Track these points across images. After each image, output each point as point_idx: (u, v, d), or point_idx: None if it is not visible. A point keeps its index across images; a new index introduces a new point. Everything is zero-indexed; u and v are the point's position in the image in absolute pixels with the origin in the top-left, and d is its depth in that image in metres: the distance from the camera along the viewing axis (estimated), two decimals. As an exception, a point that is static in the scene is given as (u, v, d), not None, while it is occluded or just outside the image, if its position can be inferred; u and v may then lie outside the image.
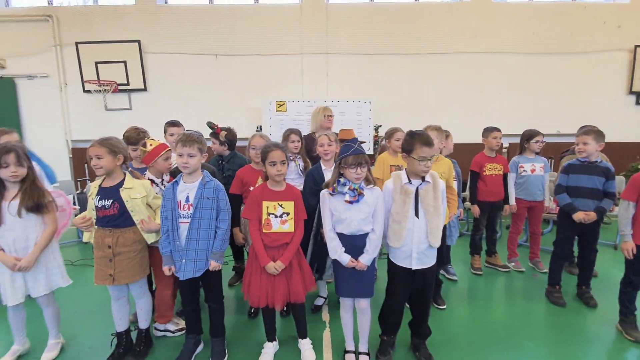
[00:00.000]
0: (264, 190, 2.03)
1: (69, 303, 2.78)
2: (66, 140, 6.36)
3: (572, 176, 2.70)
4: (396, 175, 1.99)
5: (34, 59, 6.12)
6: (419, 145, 1.86)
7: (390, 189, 1.97)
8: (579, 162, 2.71)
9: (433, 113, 5.96)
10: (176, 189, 1.96)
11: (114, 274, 1.98)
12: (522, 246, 3.92)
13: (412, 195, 1.90)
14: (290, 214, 2.01)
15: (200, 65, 6.14)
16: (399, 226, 1.91)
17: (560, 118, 6.26)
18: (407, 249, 1.93)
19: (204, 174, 2.01)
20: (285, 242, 1.99)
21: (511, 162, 3.39)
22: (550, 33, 6.18)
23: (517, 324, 2.50)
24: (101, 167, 1.95)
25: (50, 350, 2.14)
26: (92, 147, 1.95)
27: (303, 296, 2.06)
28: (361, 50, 6.13)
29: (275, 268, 1.95)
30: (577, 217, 2.60)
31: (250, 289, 2.02)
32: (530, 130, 3.34)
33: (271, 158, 1.97)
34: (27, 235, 1.96)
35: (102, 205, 1.96)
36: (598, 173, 2.64)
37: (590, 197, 2.64)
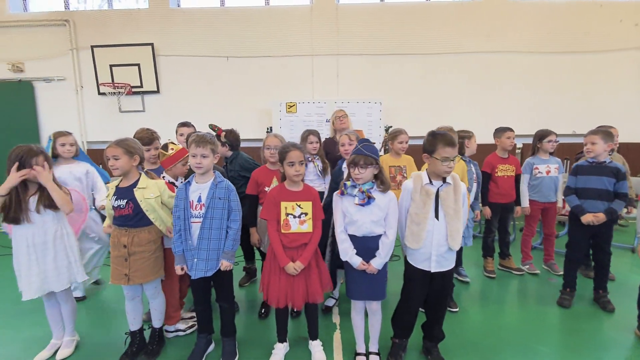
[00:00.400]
0: (281, 190, 2.04)
1: (83, 301, 2.84)
2: (82, 142, 6.49)
3: (580, 177, 2.66)
4: (417, 175, 1.97)
5: (52, 63, 6.28)
6: (441, 145, 1.83)
7: (410, 188, 1.93)
8: (588, 163, 2.66)
9: (445, 114, 5.89)
10: (189, 189, 1.98)
11: (129, 274, 2.01)
12: (537, 249, 3.85)
13: (433, 196, 1.87)
14: (308, 214, 2.01)
15: (212, 67, 6.21)
16: (418, 227, 1.88)
17: (575, 118, 6.12)
18: (426, 251, 1.90)
19: (215, 174, 2.02)
20: (304, 243, 2.00)
21: (525, 163, 3.32)
22: (565, 32, 6.05)
23: (531, 328, 2.45)
24: (118, 168, 1.99)
25: (66, 347, 2.19)
26: (110, 148, 2.00)
27: (321, 296, 2.07)
28: (372, 51, 6.11)
29: (295, 268, 1.95)
30: (586, 220, 2.55)
31: (269, 289, 2.02)
32: (543, 130, 3.27)
33: (290, 158, 1.97)
34: (45, 230, 2.02)
35: (118, 205, 2.00)
36: (607, 174, 2.57)
37: (599, 198, 2.58)
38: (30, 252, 2.00)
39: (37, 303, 2.12)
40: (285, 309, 2.07)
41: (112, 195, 2.05)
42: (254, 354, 2.19)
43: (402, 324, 2.09)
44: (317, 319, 2.19)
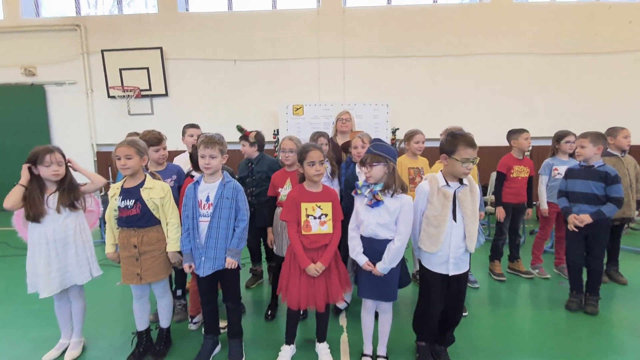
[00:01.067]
0: (301, 191, 2.03)
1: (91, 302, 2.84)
2: (91, 144, 6.59)
3: (569, 181, 2.65)
4: (432, 177, 1.93)
5: (63, 67, 6.41)
6: (462, 146, 1.80)
7: (427, 191, 1.89)
8: (580, 167, 2.64)
9: (452, 116, 5.85)
10: (197, 189, 1.99)
11: (140, 273, 2.02)
12: (547, 252, 3.78)
13: (451, 198, 1.84)
14: (328, 215, 2.00)
15: (220, 70, 6.27)
16: (436, 230, 1.85)
17: (585, 120, 6.01)
18: (443, 254, 1.87)
19: (224, 174, 2.03)
20: (324, 244, 1.98)
21: (544, 164, 3.27)
22: (574, 33, 6.00)
23: (543, 333, 2.40)
24: (129, 168, 2.00)
25: (74, 349, 2.19)
26: (122, 148, 2.00)
27: (342, 297, 2.06)
28: (378, 53, 6.12)
29: (316, 270, 1.94)
30: (571, 220, 2.56)
31: (289, 291, 2.01)
32: (561, 131, 3.22)
33: (310, 158, 1.97)
34: (65, 226, 2.05)
35: (125, 205, 2.01)
36: (595, 178, 2.54)
37: (586, 202, 2.56)
38: (50, 249, 2.02)
39: (46, 303, 2.13)
40: (297, 311, 2.05)
41: (117, 196, 2.05)
42: (260, 356, 2.17)
43: (426, 329, 2.05)
44: (327, 321, 2.17)
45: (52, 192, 2.04)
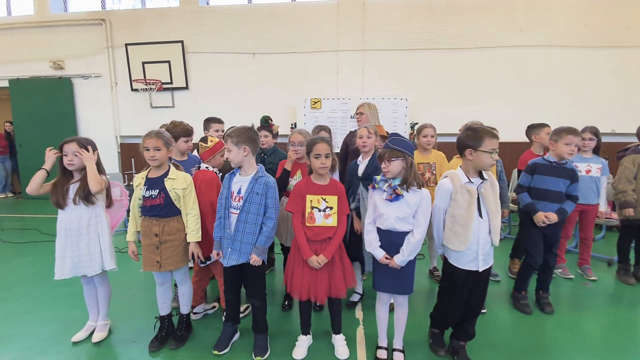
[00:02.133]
0: (308, 183, 2.05)
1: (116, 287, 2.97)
2: (115, 136, 6.79)
3: (537, 177, 2.53)
4: (453, 174, 1.89)
5: (89, 60, 6.61)
6: (487, 137, 1.79)
7: (450, 189, 1.86)
8: (548, 163, 2.52)
9: (474, 111, 5.70)
10: (232, 180, 2.04)
11: (160, 261, 2.09)
12: (571, 252, 3.67)
13: (476, 194, 1.83)
14: (333, 209, 2.01)
15: (239, 63, 6.32)
16: (463, 229, 1.83)
17: (614, 116, 5.77)
18: (472, 251, 1.86)
19: (259, 168, 2.05)
20: (328, 237, 2.00)
21: None
22: (605, 26, 5.70)
23: (565, 334, 2.34)
24: (157, 159, 2.06)
25: (100, 331, 2.30)
26: (151, 139, 2.06)
27: (344, 292, 2.06)
28: (398, 46, 6.01)
29: (318, 262, 1.96)
30: (538, 219, 2.45)
31: (292, 281, 2.04)
32: (584, 128, 3.10)
33: (316, 151, 1.98)
34: (80, 217, 2.14)
35: (150, 195, 2.07)
36: (564, 176, 2.47)
37: (554, 200, 2.48)
38: (66, 236, 2.14)
39: (75, 287, 2.24)
40: (308, 302, 2.07)
41: (142, 185, 2.11)
42: (277, 345, 2.21)
43: (445, 321, 2.08)
44: (340, 313, 2.18)
45: (74, 182, 2.13)
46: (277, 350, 2.17)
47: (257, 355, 2.07)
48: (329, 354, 2.12)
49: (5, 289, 3.05)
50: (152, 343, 2.17)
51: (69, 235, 2.13)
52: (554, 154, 2.54)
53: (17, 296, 2.91)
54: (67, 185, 2.13)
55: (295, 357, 2.08)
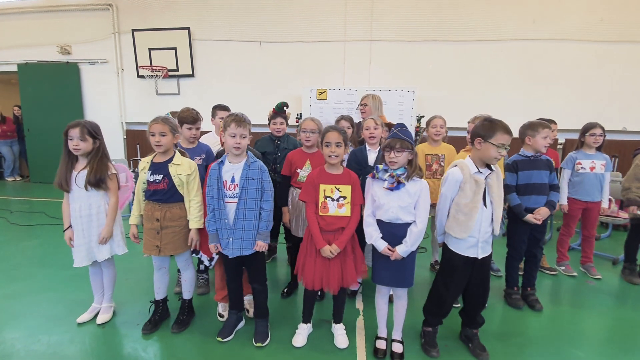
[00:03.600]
0: (321, 173, 2.04)
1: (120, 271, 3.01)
2: (121, 122, 6.83)
3: (521, 173, 2.53)
4: (463, 164, 1.90)
5: (96, 46, 6.61)
6: (500, 132, 1.80)
7: (460, 179, 1.87)
8: (526, 158, 2.53)
9: (483, 104, 5.61)
10: (222, 169, 2.02)
11: (160, 246, 2.11)
12: (575, 250, 3.64)
13: (483, 185, 1.85)
14: (347, 198, 2.00)
15: (245, 52, 6.27)
16: (466, 217, 1.85)
17: (628, 114, 5.65)
18: (473, 238, 1.89)
19: (248, 154, 2.05)
20: (341, 227, 1.99)
21: (567, 157, 3.12)
22: (621, 19, 5.54)
23: (567, 331, 2.34)
24: (163, 145, 2.07)
25: (105, 313, 2.35)
26: (157, 125, 2.06)
27: (356, 282, 2.07)
28: (407, 37, 5.91)
29: (331, 251, 1.96)
30: (529, 219, 2.46)
31: (304, 271, 2.05)
32: (589, 123, 3.04)
33: (326, 139, 1.98)
34: (90, 204, 2.16)
35: (154, 179, 2.09)
36: (544, 167, 2.51)
37: (542, 193, 2.50)
38: (78, 223, 2.17)
39: (81, 269, 2.28)
40: (313, 292, 2.09)
41: (147, 170, 2.12)
42: (276, 332, 2.24)
43: (439, 312, 2.08)
44: (344, 303, 2.20)
45: (82, 169, 2.13)
46: (277, 337, 2.19)
47: (258, 342, 2.09)
48: (329, 343, 2.14)
49: (14, 269, 3.12)
50: (146, 326, 2.21)
51: (79, 223, 2.16)
52: (530, 148, 2.55)
53: (25, 276, 2.98)
54: (72, 169, 2.15)
55: (295, 345, 2.10)
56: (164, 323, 2.30)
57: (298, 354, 2.06)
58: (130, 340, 2.14)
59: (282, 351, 2.07)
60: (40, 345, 2.09)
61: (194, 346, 2.11)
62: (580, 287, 2.99)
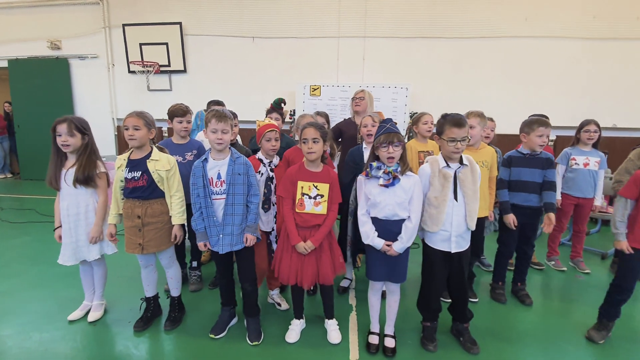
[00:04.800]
0: (300, 170, 2.03)
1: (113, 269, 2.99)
2: (112, 118, 6.74)
3: (513, 169, 2.55)
4: (433, 159, 1.97)
5: (86, 40, 6.50)
6: (448, 126, 1.86)
7: (428, 173, 1.94)
8: (522, 155, 2.55)
9: (476, 102, 5.62)
10: (206, 167, 1.99)
11: (143, 243, 2.08)
12: (565, 245, 3.70)
13: (451, 179, 1.88)
14: (324, 197, 2.00)
15: (238, 47, 6.22)
16: (436, 210, 1.90)
17: (618, 111, 5.71)
18: (445, 232, 1.92)
19: (232, 150, 2.04)
20: (317, 224, 1.99)
21: (562, 153, 3.15)
22: (613, 16, 5.59)
23: (556, 324, 2.38)
24: (136, 139, 2.03)
25: (96, 311, 2.33)
26: (131, 118, 2.03)
27: (331, 279, 2.07)
28: (401, 34, 5.91)
29: (305, 248, 1.97)
30: (507, 220, 2.48)
31: (280, 266, 2.06)
32: (585, 120, 3.08)
33: (304, 135, 1.97)
34: (78, 202, 2.13)
35: (132, 177, 2.05)
36: (539, 165, 2.51)
37: (532, 191, 2.51)
38: (65, 222, 2.14)
39: (74, 267, 2.26)
40: (299, 288, 2.09)
41: (124, 167, 2.07)
42: (270, 329, 2.25)
43: (428, 307, 2.11)
44: (332, 299, 2.21)
45: (71, 166, 2.10)
46: (270, 333, 2.20)
47: (254, 341, 2.09)
48: (322, 339, 2.15)
49: (5, 266, 3.09)
50: (137, 323, 2.20)
51: (68, 221, 2.13)
52: (526, 145, 2.55)
53: (16, 273, 2.95)
54: (61, 166, 2.12)
55: (288, 341, 2.11)
56: (156, 320, 2.30)
57: (291, 349, 2.07)
58: (122, 338, 2.13)
59: (275, 347, 2.08)
60: (31, 342, 2.07)
61: (186, 343, 2.10)
62: (569, 281, 3.04)
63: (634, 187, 2.04)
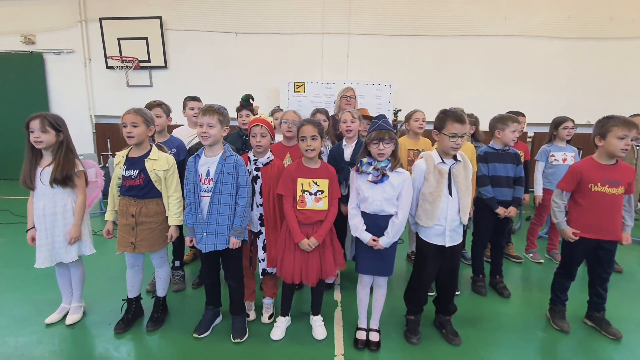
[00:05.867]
0: (299, 167, 2.03)
1: (92, 270, 2.91)
2: (90, 116, 6.53)
3: (490, 165, 2.64)
4: (428, 155, 1.99)
5: (61, 35, 6.27)
6: (450, 121, 1.88)
7: (424, 169, 1.97)
8: (495, 150, 2.64)
9: (458, 98, 5.75)
10: (198, 162, 1.98)
11: (135, 242, 2.05)
12: (541, 238, 3.82)
13: (446, 174, 1.92)
14: (324, 192, 2.01)
15: (221, 43, 6.13)
16: (431, 206, 1.93)
17: (592, 107, 5.92)
18: (440, 227, 1.96)
19: (225, 148, 2.01)
20: (319, 220, 2.00)
21: (541, 150, 3.25)
22: (588, 17, 5.80)
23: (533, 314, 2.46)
24: (134, 136, 1.99)
25: (74, 313, 2.26)
26: (129, 115, 1.99)
27: (335, 274, 2.09)
28: (384, 31, 5.95)
29: (309, 245, 1.96)
30: (501, 212, 2.57)
31: (283, 265, 2.04)
32: (560, 117, 3.20)
33: (302, 133, 1.97)
34: (55, 202, 2.05)
35: (129, 175, 2.01)
36: (510, 160, 2.62)
37: (507, 185, 2.61)
38: (40, 222, 2.06)
39: (50, 269, 2.18)
40: (292, 285, 2.09)
41: (122, 164, 2.04)
42: (255, 326, 2.24)
43: (416, 300, 2.15)
44: (322, 295, 2.22)
45: (47, 165, 2.03)
46: (256, 331, 2.19)
47: (236, 338, 2.08)
48: (307, 335, 2.16)
49: (-25, 271, 2.95)
50: (118, 325, 2.15)
51: (43, 222, 2.05)
52: (499, 141, 2.64)
53: (-13, 278, 2.82)
54: (36, 165, 2.04)
55: (273, 338, 2.11)
56: (137, 322, 2.25)
57: (276, 346, 2.06)
58: (102, 341, 2.08)
59: (260, 344, 2.07)
60: (7, 347, 2.00)
61: (170, 343, 2.07)
62: (546, 273, 3.13)
63: (571, 181, 2.16)
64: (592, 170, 2.11)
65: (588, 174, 2.10)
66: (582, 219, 2.15)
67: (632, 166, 2.22)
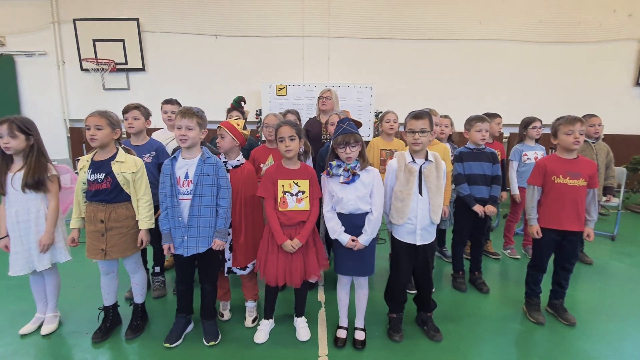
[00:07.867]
0: (279, 168, 2.03)
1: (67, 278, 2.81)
2: (64, 120, 6.31)
3: (465, 164, 2.75)
4: (400, 155, 2.06)
5: (33, 36, 6.02)
6: (408, 119, 2.00)
7: (395, 168, 2.03)
8: (469, 150, 2.76)
9: (436, 100, 5.88)
10: (175, 165, 1.95)
11: (105, 249, 1.98)
12: (517, 234, 3.95)
13: (416, 174, 1.98)
14: (305, 193, 2.02)
15: (200, 45, 6.04)
16: (402, 204, 1.98)
17: (562, 108, 6.12)
18: (411, 225, 2.01)
19: (203, 150, 1.99)
20: (302, 221, 2.00)
21: (513, 150, 3.37)
22: (558, 21, 6.05)
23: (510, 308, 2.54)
24: (98, 139, 1.93)
25: (50, 323, 2.19)
26: (93, 117, 1.94)
27: (319, 274, 2.11)
28: (364, 34, 6.03)
29: (293, 246, 1.96)
30: (479, 210, 2.65)
31: (266, 267, 2.02)
32: (528, 117, 3.35)
33: (279, 134, 1.97)
34: (28, 208, 1.99)
35: (95, 179, 1.95)
36: (486, 159, 2.72)
37: (483, 183, 2.71)
38: (15, 229, 1.99)
39: (23, 278, 2.11)
40: (275, 287, 2.08)
41: (86, 169, 1.98)
42: (239, 330, 2.22)
43: (395, 298, 2.18)
44: (305, 297, 2.22)
45: (19, 170, 1.96)
46: (239, 335, 2.17)
47: (210, 341, 2.05)
48: (291, 337, 2.16)
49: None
50: (96, 334, 2.09)
51: (17, 229, 1.98)
52: (470, 141, 2.76)
53: (-46, 291, 2.68)
54: (7, 170, 1.97)
55: (257, 342, 2.10)
56: (116, 330, 2.19)
57: (260, 350, 2.05)
58: (79, 350, 2.02)
59: (244, 348, 2.06)
60: (-24, 362, 1.91)
61: (149, 352, 2.02)
62: (523, 268, 3.20)
63: (538, 175, 2.29)
64: (555, 163, 2.26)
65: (552, 167, 2.24)
66: (548, 211, 2.26)
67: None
